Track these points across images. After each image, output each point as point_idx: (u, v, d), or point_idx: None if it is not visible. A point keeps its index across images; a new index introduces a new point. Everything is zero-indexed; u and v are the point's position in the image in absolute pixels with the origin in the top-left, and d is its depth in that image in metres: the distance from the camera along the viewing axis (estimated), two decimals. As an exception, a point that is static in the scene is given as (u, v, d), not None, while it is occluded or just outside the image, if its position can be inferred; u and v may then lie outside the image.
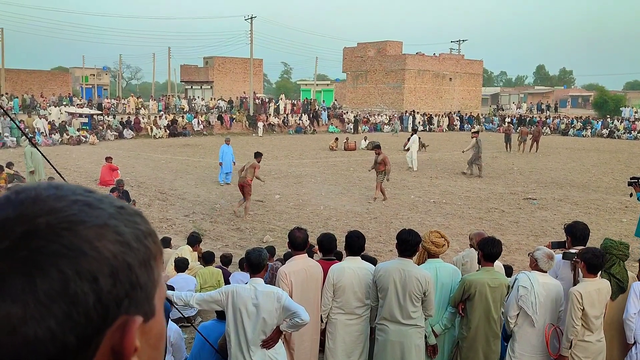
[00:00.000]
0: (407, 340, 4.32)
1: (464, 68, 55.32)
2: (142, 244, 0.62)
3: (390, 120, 46.34)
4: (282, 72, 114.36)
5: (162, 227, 11.81)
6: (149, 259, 0.63)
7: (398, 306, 4.30)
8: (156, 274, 0.65)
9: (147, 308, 0.63)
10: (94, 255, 0.56)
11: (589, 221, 12.69)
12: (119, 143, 30.58)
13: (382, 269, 4.41)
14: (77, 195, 0.61)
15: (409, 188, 16.92)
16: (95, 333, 0.56)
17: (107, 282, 0.57)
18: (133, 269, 0.60)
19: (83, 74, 62.35)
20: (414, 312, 4.31)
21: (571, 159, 26.12)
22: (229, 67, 56.00)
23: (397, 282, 4.28)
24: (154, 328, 0.64)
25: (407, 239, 4.35)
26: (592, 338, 4.35)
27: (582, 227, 4.88)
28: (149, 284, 0.62)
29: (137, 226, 0.63)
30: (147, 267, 0.62)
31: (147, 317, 0.63)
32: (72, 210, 0.58)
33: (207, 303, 4.08)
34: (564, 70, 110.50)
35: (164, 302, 2.42)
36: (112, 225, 0.59)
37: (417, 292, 4.25)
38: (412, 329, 4.34)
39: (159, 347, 0.67)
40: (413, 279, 4.25)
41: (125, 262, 0.59)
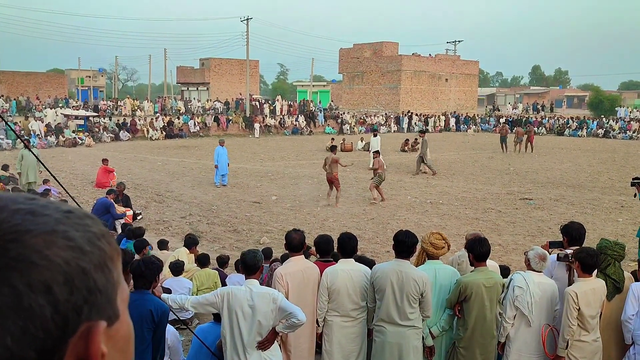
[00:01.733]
0: (404, 341, 4.32)
1: (459, 69, 55.43)
2: (95, 247, 0.60)
3: (386, 120, 46.36)
4: (278, 73, 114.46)
5: (159, 229, 11.79)
6: (105, 261, 0.61)
7: (395, 307, 4.29)
8: (115, 275, 0.63)
9: (110, 311, 0.61)
10: (45, 265, 0.54)
11: (585, 221, 12.71)
12: (115, 145, 30.52)
13: (380, 271, 4.40)
14: (18, 204, 0.58)
15: (405, 189, 16.93)
16: (56, 345, 0.54)
17: (62, 290, 0.54)
18: (89, 273, 0.57)
19: (79, 76, 62.20)
20: (412, 313, 4.31)
21: (567, 159, 26.19)
22: (225, 69, 56.01)
23: (394, 284, 4.27)
24: (120, 330, 0.63)
25: (404, 240, 4.34)
26: (588, 338, 4.36)
27: (577, 227, 4.89)
28: (108, 286, 0.60)
29: (88, 229, 0.60)
30: (104, 269, 0.60)
31: (112, 321, 0.61)
32: (16, 220, 0.56)
33: (202, 306, 4.07)
34: (559, 70, 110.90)
35: (162, 304, 2.40)
36: (61, 231, 0.57)
37: (414, 293, 4.25)
38: (410, 330, 4.33)
39: (127, 350, 0.65)
40: (410, 280, 4.24)
41: (79, 267, 0.57)
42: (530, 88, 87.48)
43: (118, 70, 75.65)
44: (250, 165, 22.28)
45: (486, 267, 4.49)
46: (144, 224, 11.83)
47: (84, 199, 14.37)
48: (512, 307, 4.40)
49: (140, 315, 3.71)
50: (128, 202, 12.08)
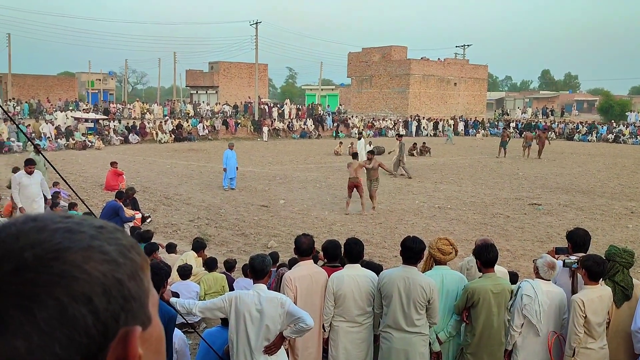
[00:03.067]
0: (411, 348, 4.32)
1: (468, 73, 55.31)
2: (127, 258, 0.65)
3: (395, 124, 46.30)
4: (287, 76, 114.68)
5: (167, 232, 11.85)
6: (136, 270, 0.66)
7: (402, 314, 4.29)
8: (146, 282, 0.68)
9: (144, 316, 0.66)
10: (84, 278, 0.59)
11: (595, 227, 12.66)
12: (124, 148, 30.70)
13: (387, 277, 4.40)
14: (56, 224, 0.63)
15: (413, 193, 16.91)
16: (98, 350, 0.59)
17: (101, 300, 0.60)
18: (124, 283, 0.63)
19: (89, 79, 62.73)
20: (418, 319, 4.30)
21: (577, 164, 26.04)
22: (234, 72, 56.20)
23: (401, 290, 4.27)
24: (153, 333, 0.68)
25: (411, 246, 4.35)
26: (594, 345, 4.33)
27: (582, 233, 4.88)
28: (141, 294, 0.66)
29: (119, 242, 0.66)
30: (136, 278, 0.65)
31: (145, 325, 0.66)
32: (56, 239, 0.61)
33: (210, 311, 4.09)
34: (569, 74, 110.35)
35: (169, 309, 2.44)
36: (97, 246, 0.62)
37: (421, 300, 4.25)
38: (417, 337, 4.33)
39: (160, 351, 0.70)
40: (417, 287, 4.24)
41: (115, 278, 0.62)
42: (540, 92, 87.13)
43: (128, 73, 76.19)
44: (258, 168, 22.34)
45: (494, 273, 4.48)
46: (152, 227, 11.89)
47: (93, 202, 14.46)
48: (520, 315, 4.38)
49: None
50: (136, 206, 12.14)
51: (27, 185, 10.02)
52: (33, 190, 10.08)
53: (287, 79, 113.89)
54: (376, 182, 14.39)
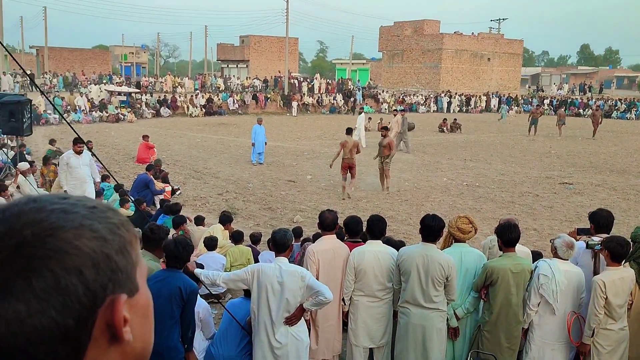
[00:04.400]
0: (428, 323, 4.39)
1: (503, 48, 53.94)
2: (116, 235, 0.75)
3: (426, 100, 45.70)
4: (317, 50, 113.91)
5: (196, 204, 12.10)
6: (124, 245, 0.75)
7: (420, 290, 4.35)
8: (134, 256, 0.78)
9: (131, 285, 0.76)
10: (76, 253, 0.69)
11: (627, 208, 12.42)
12: (156, 121, 31.17)
13: (405, 254, 4.46)
14: (53, 205, 0.73)
15: (442, 170, 16.79)
16: (89, 314, 0.69)
17: (91, 272, 0.70)
18: (111, 257, 0.73)
19: (122, 52, 63.51)
20: (436, 296, 4.36)
21: (613, 142, 25.36)
22: (264, 46, 56.10)
23: (419, 267, 4.33)
24: (140, 300, 0.77)
25: (430, 224, 4.38)
26: (615, 326, 4.33)
27: (605, 214, 4.83)
28: (128, 266, 0.75)
29: (109, 220, 0.75)
30: (124, 252, 0.75)
31: (132, 293, 0.76)
32: (51, 219, 0.71)
33: (233, 282, 4.23)
34: (609, 49, 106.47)
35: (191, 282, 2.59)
36: (87, 225, 0.72)
37: (439, 277, 4.29)
38: (434, 313, 4.39)
39: (147, 315, 0.80)
40: (436, 264, 4.29)
41: (103, 253, 0.72)
42: (578, 68, 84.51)
43: (160, 47, 76.78)
44: (286, 143, 22.44)
45: (514, 253, 4.48)
46: (181, 200, 12.16)
47: (124, 174, 14.83)
48: (537, 294, 4.39)
49: (170, 292, 3.85)
50: (166, 179, 12.41)
51: (75, 167, 9.26)
52: (82, 171, 9.31)
53: (317, 53, 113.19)
54: (388, 160, 13.32)
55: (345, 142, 12.77)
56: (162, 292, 3.87)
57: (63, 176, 9.47)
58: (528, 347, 4.57)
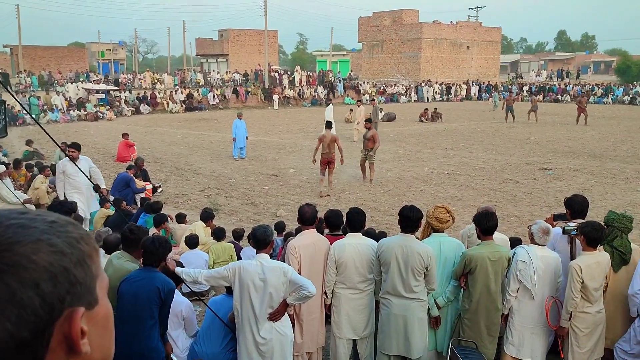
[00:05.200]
0: (409, 313, 4.44)
1: (481, 36, 54.30)
2: (75, 248, 0.76)
3: (406, 90, 45.83)
4: (297, 43, 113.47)
5: (178, 202, 12.03)
6: (84, 258, 0.77)
7: (401, 280, 4.40)
8: (94, 269, 0.79)
9: (90, 298, 0.77)
10: (32, 267, 0.70)
11: (605, 191, 12.63)
12: (135, 118, 30.87)
13: (385, 245, 4.50)
14: (11, 220, 0.74)
15: (423, 160, 16.89)
16: (45, 326, 0.70)
17: (48, 285, 0.71)
18: (70, 270, 0.74)
19: (99, 49, 62.55)
20: (417, 286, 4.41)
21: (590, 127, 25.70)
22: (244, 40, 55.76)
23: (399, 258, 4.37)
24: (100, 312, 0.79)
25: (408, 215, 4.43)
26: (591, 310, 4.42)
27: (580, 200, 4.91)
28: (87, 279, 0.76)
29: (69, 234, 0.76)
30: (83, 265, 0.76)
31: (92, 305, 0.77)
32: (8, 234, 0.72)
33: (215, 279, 4.23)
34: (586, 35, 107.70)
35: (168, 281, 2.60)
36: (45, 239, 0.73)
37: (419, 267, 4.34)
38: (415, 303, 4.45)
39: (107, 327, 0.81)
40: (415, 254, 4.33)
41: (61, 266, 0.73)
42: (556, 54, 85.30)
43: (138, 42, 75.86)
44: (268, 137, 22.39)
45: (492, 241, 4.55)
46: (163, 198, 12.08)
47: (105, 173, 14.62)
48: (516, 280, 4.47)
49: (148, 293, 3.83)
50: (147, 177, 12.30)
51: (72, 174, 8.45)
52: (80, 179, 8.43)
53: (297, 45, 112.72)
54: (372, 154, 13.29)
55: (323, 136, 12.41)
56: (141, 293, 3.86)
57: (60, 186, 8.67)
58: (508, 333, 4.65)
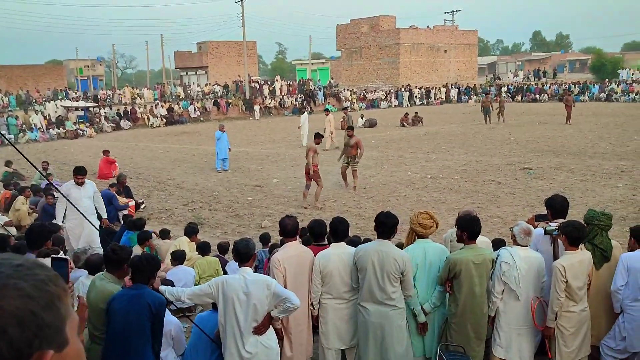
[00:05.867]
0: (387, 321, 4.44)
1: (458, 39, 54.88)
2: (42, 291, 0.75)
3: (387, 95, 46.12)
4: (277, 52, 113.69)
5: (162, 217, 11.94)
6: (52, 300, 0.76)
7: (377, 287, 4.41)
8: (63, 310, 0.77)
9: (60, 340, 0.75)
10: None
11: (585, 188, 12.80)
12: (116, 134, 30.63)
13: (361, 251, 4.52)
14: None
15: (406, 164, 16.98)
16: None
17: (15, 331, 0.69)
18: (37, 314, 0.72)
19: (77, 66, 62.01)
20: (393, 292, 4.42)
21: (568, 125, 26.07)
22: (222, 51, 55.65)
23: (375, 263, 4.39)
24: (70, 353, 0.77)
25: (384, 221, 4.46)
26: (576, 308, 4.47)
27: (560, 199, 4.98)
28: (56, 321, 0.75)
29: (36, 277, 0.75)
30: (52, 308, 0.75)
31: (61, 347, 0.76)
32: None
33: (198, 297, 4.20)
34: (560, 34, 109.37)
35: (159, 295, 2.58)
36: (12, 284, 0.72)
37: (395, 272, 4.36)
38: (393, 311, 4.44)
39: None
40: (391, 259, 4.35)
41: (28, 310, 0.71)
42: (532, 54, 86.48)
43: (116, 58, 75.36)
44: (251, 148, 22.35)
45: (475, 245, 4.58)
46: (146, 214, 11.99)
47: (87, 191, 14.50)
48: (500, 282, 4.50)
49: (139, 310, 3.82)
50: (129, 193, 12.20)
51: (76, 200, 7.90)
52: (84, 205, 7.95)
53: (277, 55, 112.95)
54: (354, 162, 13.40)
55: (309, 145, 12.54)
56: (131, 310, 3.84)
57: (61, 211, 8.24)
58: (496, 335, 4.67)
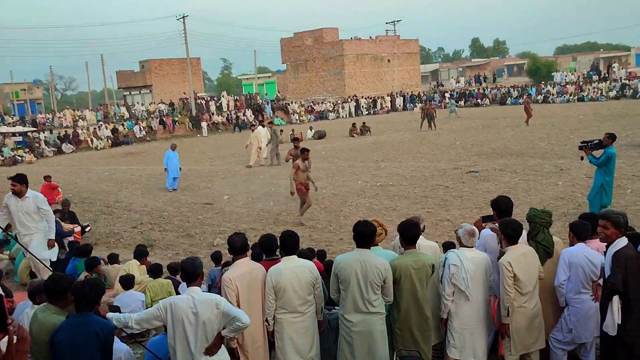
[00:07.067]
0: (373, 328, 4.49)
1: (400, 48, 56.14)
2: None
3: (334, 106, 46.55)
4: (222, 68, 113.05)
5: (110, 242, 11.58)
6: None
7: (361, 296, 4.45)
8: None
9: None
10: None
11: (528, 187, 13.26)
12: (58, 159, 29.59)
13: (343, 261, 4.54)
14: None
15: (356, 174, 17.14)
16: None
17: None
18: None
19: (13, 90, 59.69)
20: (375, 300, 4.48)
21: (510, 127, 27.04)
22: (166, 69, 54.80)
23: (358, 273, 4.42)
24: None
25: (362, 230, 4.51)
26: (528, 304, 4.61)
27: (505, 200, 5.14)
28: None
29: None
30: None
31: None
32: None
33: (146, 321, 4.08)
34: (497, 40, 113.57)
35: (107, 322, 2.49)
36: None
37: (377, 280, 4.42)
38: (376, 317, 4.51)
39: None
40: (373, 268, 4.40)
41: None
42: (472, 60, 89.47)
43: (54, 80, 73.02)
44: (199, 166, 22.05)
45: (415, 250, 4.68)
46: (93, 239, 11.61)
47: (29, 220, 13.90)
48: (450, 284, 4.60)
49: (87, 339, 3.68)
50: (74, 219, 11.78)
51: (14, 212, 7.33)
52: (23, 219, 7.32)
53: (222, 71, 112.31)
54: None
55: None
56: (78, 340, 3.69)
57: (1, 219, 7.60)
58: (449, 336, 4.75)
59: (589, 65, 58.34)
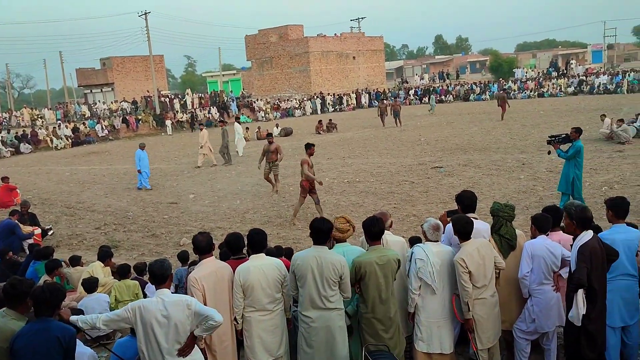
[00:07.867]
0: (331, 323, 4.49)
1: (365, 45, 56.44)
2: None
3: (300, 104, 46.50)
4: (186, 65, 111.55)
5: (72, 243, 11.31)
6: None
7: (317, 293, 4.44)
8: None
9: None
10: None
11: (492, 182, 13.53)
12: (16, 159, 28.70)
13: (299, 258, 4.53)
14: None
15: (323, 171, 17.16)
16: None
17: None
18: None
19: (-33, 89, 57.61)
20: (333, 296, 4.47)
21: (473, 123, 27.50)
22: (128, 67, 53.76)
23: (314, 269, 4.42)
24: None
25: (319, 227, 4.50)
26: (486, 294, 4.71)
27: (469, 195, 5.23)
28: None
29: None
30: None
31: None
32: None
33: (114, 322, 3.99)
34: (460, 37, 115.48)
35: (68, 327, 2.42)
36: None
37: (334, 276, 4.41)
38: (334, 312, 4.51)
39: None
40: (329, 265, 4.40)
41: None
42: (435, 57, 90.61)
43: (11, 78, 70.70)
44: (164, 164, 21.73)
45: (380, 246, 4.71)
46: (55, 241, 11.33)
47: (-14, 223, 13.45)
48: (416, 278, 4.65)
49: (47, 344, 3.58)
50: (35, 220, 11.45)
51: None
52: None
53: (186, 68, 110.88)
54: (275, 166, 14.16)
55: None
56: (38, 346, 3.59)
57: None
58: (417, 329, 4.81)
59: (548, 62, 59.78)
